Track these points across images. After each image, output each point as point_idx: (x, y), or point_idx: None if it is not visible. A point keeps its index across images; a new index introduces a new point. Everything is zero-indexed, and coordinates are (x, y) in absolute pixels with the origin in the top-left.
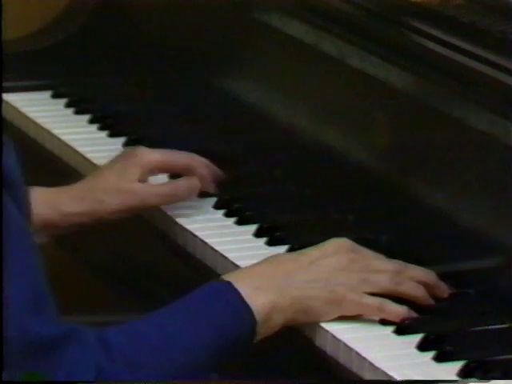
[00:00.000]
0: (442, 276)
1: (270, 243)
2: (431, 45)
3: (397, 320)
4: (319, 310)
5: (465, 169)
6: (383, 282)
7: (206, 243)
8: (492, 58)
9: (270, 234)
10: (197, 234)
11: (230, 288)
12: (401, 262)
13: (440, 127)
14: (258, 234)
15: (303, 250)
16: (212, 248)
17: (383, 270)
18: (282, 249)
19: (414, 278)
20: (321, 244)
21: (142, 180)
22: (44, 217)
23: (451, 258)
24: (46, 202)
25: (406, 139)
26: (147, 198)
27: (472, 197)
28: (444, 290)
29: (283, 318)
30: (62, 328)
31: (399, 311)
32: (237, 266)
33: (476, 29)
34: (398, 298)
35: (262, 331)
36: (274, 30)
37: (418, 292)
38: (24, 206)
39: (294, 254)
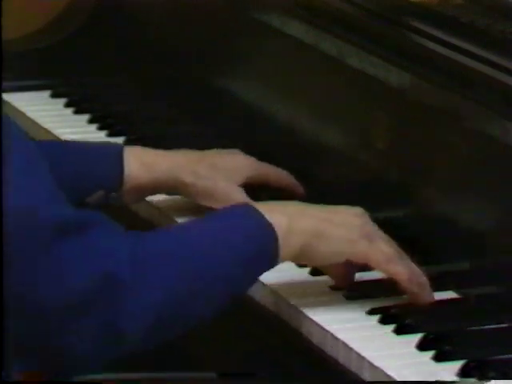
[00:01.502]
0: (442, 276)
1: None
2: (431, 45)
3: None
4: (334, 240)
5: (465, 169)
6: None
7: None
8: (492, 57)
9: None
10: None
11: (251, 207)
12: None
13: (440, 127)
14: None
15: None
16: None
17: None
18: None
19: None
20: None
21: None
22: (139, 180)
23: (451, 257)
24: (142, 165)
25: (405, 139)
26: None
27: (472, 197)
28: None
29: (303, 238)
30: (86, 213)
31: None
32: None
33: (476, 29)
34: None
35: (284, 250)
36: (273, 30)
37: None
38: None
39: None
